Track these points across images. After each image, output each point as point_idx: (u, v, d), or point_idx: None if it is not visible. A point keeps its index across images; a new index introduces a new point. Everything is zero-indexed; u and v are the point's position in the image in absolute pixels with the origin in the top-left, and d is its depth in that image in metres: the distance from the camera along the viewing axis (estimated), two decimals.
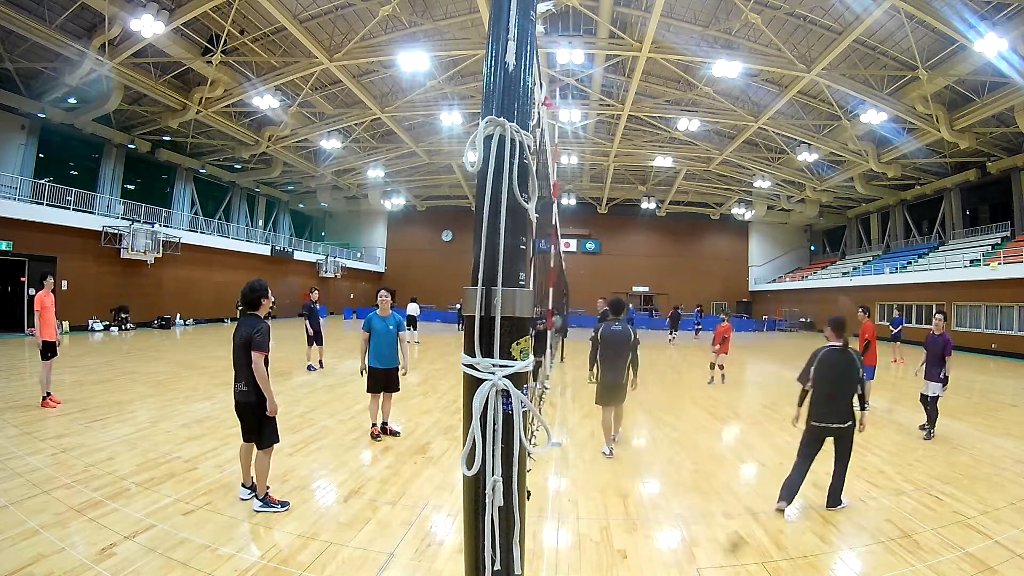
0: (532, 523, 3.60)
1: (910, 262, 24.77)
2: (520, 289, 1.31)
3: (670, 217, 35.52)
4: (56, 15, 13.76)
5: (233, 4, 14.55)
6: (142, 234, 18.45)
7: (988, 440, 6.54)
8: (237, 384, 3.84)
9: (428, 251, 37.11)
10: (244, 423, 3.89)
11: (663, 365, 13.83)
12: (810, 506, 4.22)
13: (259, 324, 3.82)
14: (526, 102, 1.37)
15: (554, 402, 8.27)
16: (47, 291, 6.62)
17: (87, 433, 5.46)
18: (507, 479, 1.24)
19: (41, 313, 6.48)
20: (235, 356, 3.84)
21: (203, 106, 18.85)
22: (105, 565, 2.92)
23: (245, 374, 3.77)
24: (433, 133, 24.68)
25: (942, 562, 3.29)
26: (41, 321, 6.49)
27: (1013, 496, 4.52)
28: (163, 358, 11.66)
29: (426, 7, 16.32)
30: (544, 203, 6.68)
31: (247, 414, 3.85)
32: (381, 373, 5.61)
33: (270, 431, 3.85)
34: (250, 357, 3.72)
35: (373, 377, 5.62)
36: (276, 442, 3.93)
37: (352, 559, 3.17)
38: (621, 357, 5.45)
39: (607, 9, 14.93)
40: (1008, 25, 13.00)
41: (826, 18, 15.10)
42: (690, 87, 19.50)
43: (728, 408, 8.37)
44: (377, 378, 5.61)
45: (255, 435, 3.86)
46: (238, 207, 29.36)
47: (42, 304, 6.49)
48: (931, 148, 20.46)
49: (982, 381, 12.60)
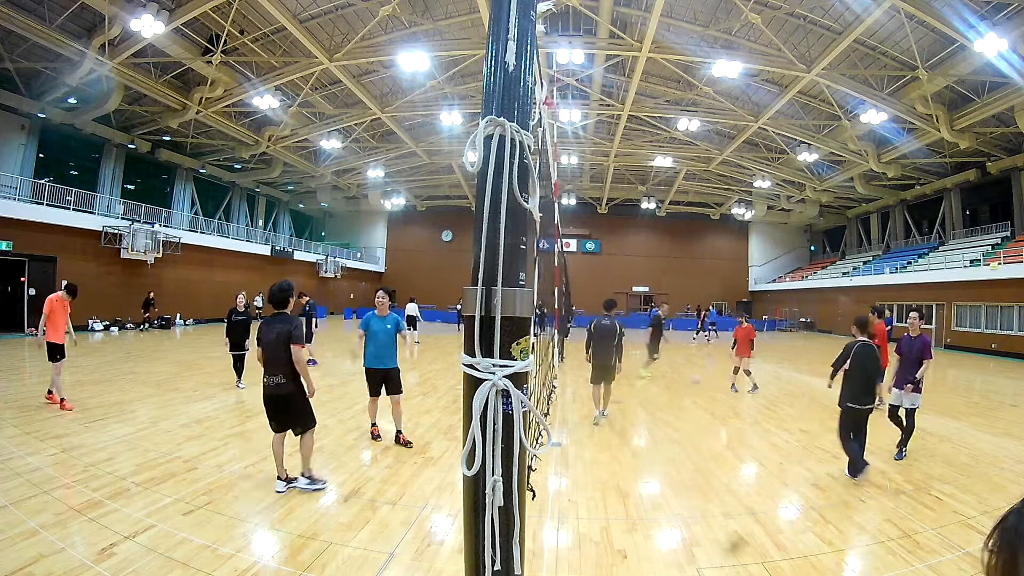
0: (532, 523, 3.60)
1: (910, 262, 24.77)
2: (520, 289, 1.31)
3: (670, 217, 35.52)
4: (56, 15, 13.76)
5: (233, 4, 14.55)
6: (142, 234, 18.46)
7: (988, 440, 6.53)
8: (273, 378, 4.05)
9: (428, 251, 37.10)
10: (280, 414, 4.12)
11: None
12: (810, 506, 4.22)
13: (295, 320, 4.18)
14: (526, 102, 1.37)
15: (554, 402, 8.27)
16: (59, 296, 6.60)
17: (87, 433, 5.46)
18: (507, 479, 1.24)
19: (48, 316, 6.44)
20: (270, 351, 4.07)
21: (203, 106, 18.85)
22: (105, 565, 2.92)
23: (283, 367, 4.04)
24: (433, 133, 24.68)
25: (942, 562, 3.29)
26: (48, 323, 6.45)
27: (1013, 496, 4.50)
28: (163, 358, 11.66)
29: (426, 7, 16.32)
30: (545, 202, 6.71)
31: (285, 404, 4.10)
32: (379, 374, 5.52)
33: (311, 414, 4.23)
34: (290, 351, 4.03)
35: (370, 377, 5.56)
36: (315, 423, 4.29)
37: (352, 559, 3.17)
38: (609, 344, 6.76)
39: (607, 9, 14.93)
40: (1008, 25, 13.00)
41: (826, 18, 15.10)
42: (690, 87, 19.49)
43: (728, 408, 8.37)
44: (375, 379, 5.55)
45: (296, 422, 4.16)
46: (238, 207, 29.36)
47: (50, 307, 6.47)
48: (931, 148, 20.45)
49: (982, 381, 12.60)
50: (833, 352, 5.24)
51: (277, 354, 4.05)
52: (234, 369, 8.41)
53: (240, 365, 8.38)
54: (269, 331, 4.11)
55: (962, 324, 20.51)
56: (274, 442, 4.17)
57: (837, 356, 5.03)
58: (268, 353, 4.07)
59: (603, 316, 6.91)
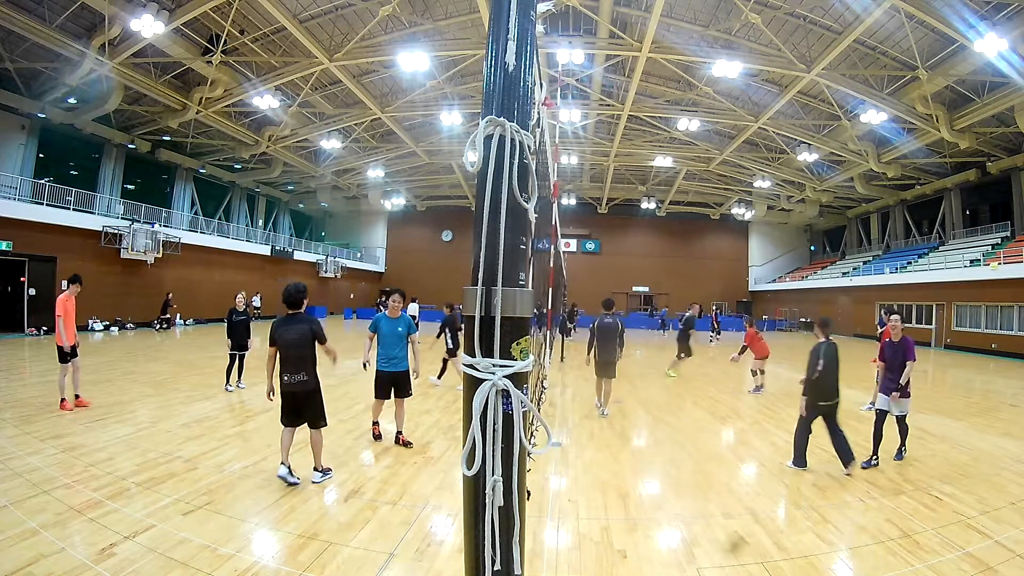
0: (532, 523, 3.60)
1: (910, 262, 24.77)
2: (520, 289, 1.31)
3: (670, 217, 35.52)
4: (56, 15, 13.75)
5: (233, 4, 14.55)
6: (142, 234, 18.45)
7: (988, 440, 6.53)
8: (295, 375, 4.24)
9: (428, 251, 37.09)
10: (300, 409, 4.33)
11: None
12: (810, 506, 4.22)
13: (314, 319, 4.45)
14: (526, 102, 1.37)
15: (554, 402, 8.28)
16: (70, 295, 6.52)
17: (87, 433, 5.46)
18: (507, 479, 1.24)
19: (64, 318, 6.37)
20: (294, 350, 4.25)
21: (203, 106, 18.85)
22: (105, 565, 2.92)
23: (307, 365, 4.27)
24: (433, 133, 24.67)
25: (942, 562, 3.29)
26: (65, 325, 6.39)
27: (1013, 496, 4.52)
28: (163, 358, 11.66)
29: (426, 7, 16.32)
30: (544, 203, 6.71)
31: (308, 400, 4.32)
32: (388, 376, 5.38)
33: (324, 413, 4.48)
34: (314, 349, 4.33)
35: (379, 380, 5.41)
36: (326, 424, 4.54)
37: (352, 559, 3.17)
38: (611, 341, 7.22)
39: (607, 9, 14.93)
40: (1008, 25, 12.99)
41: (826, 18, 15.10)
42: (690, 87, 19.49)
43: (728, 408, 8.37)
44: (384, 381, 5.40)
45: (316, 416, 4.39)
46: (238, 207, 29.35)
47: (64, 309, 6.40)
48: (931, 148, 20.44)
49: (982, 381, 12.60)
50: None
51: (301, 352, 4.26)
52: (228, 371, 8.22)
53: (240, 365, 8.34)
54: (289, 331, 4.29)
55: (962, 324, 20.50)
56: (284, 435, 4.38)
57: (809, 362, 5.13)
58: (292, 352, 4.25)
59: (605, 315, 7.30)
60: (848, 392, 5.95)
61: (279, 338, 4.29)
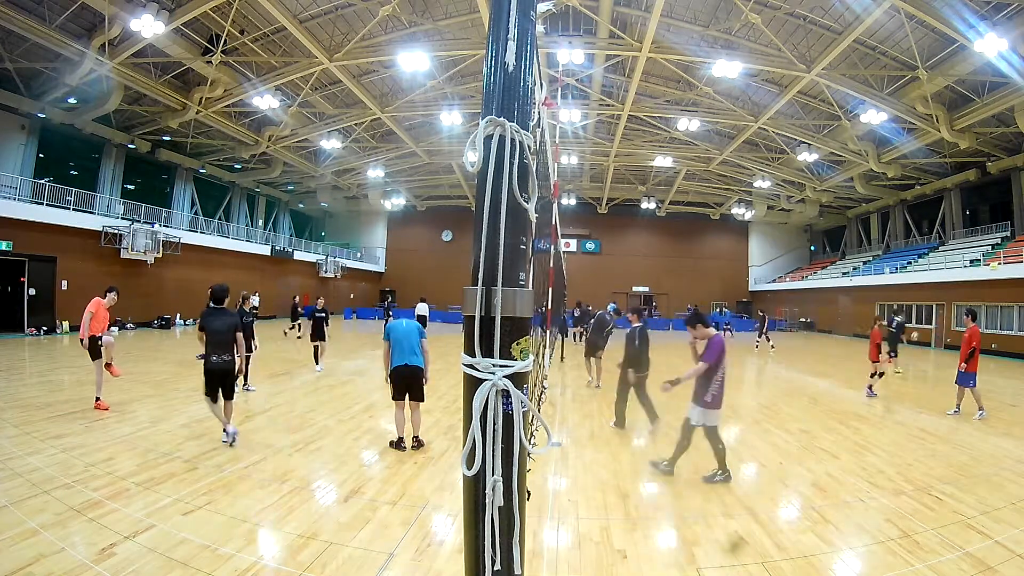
0: (532, 523, 3.60)
1: (910, 262, 24.77)
2: (520, 289, 1.31)
3: (670, 217, 35.51)
4: (56, 15, 13.75)
5: (233, 4, 14.55)
6: (142, 234, 18.44)
7: (988, 440, 6.53)
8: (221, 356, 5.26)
9: (428, 251, 37.08)
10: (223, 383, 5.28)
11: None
12: (810, 506, 4.22)
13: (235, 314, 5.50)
14: (526, 102, 1.37)
15: (554, 402, 8.27)
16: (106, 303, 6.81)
17: (87, 433, 5.46)
18: (507, 479, 1.24)
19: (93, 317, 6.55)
20: (219, 336, 5.21)
21: (203, 106, 18.84)
22: (105, 565, 2.92)
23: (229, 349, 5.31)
24: (433, 133, 24.67)
25: (942, 562, 3.29)
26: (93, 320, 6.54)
27: (1013, 496, 4.52)
28: (163, 358, 11.66)
29: (426, 7, 16.31)
30: (544, 203, 6.71)
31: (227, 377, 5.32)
32: (404, 371, 5.21)
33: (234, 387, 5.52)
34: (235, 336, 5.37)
35: (396, 378, 5.25)
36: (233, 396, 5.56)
37: (352, 559, 3.17)
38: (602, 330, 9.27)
39: (607, 9, 14.93)
40: (1008, 25, 12.99)
41: (826, 18, 15.09)
42: (690, 87, 19.49)
43: (728, 408, 8.33)
44: (401, 378, 5.23)
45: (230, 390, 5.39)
46: (238, 207, 29.34)
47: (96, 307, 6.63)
48: (931, 148, 20.44)
49: (982, 381, 12.54)
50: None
51: (226, 338, 5.24)
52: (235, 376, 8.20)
53: (246, 370, 8.27)
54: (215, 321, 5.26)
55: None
56: (215, 408, 5.26)
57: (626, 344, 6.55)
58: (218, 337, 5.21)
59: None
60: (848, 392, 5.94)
61: (208, 326, 5.20)
